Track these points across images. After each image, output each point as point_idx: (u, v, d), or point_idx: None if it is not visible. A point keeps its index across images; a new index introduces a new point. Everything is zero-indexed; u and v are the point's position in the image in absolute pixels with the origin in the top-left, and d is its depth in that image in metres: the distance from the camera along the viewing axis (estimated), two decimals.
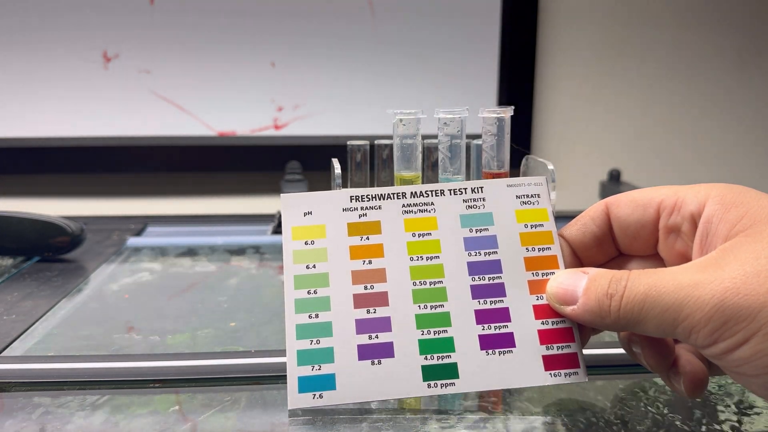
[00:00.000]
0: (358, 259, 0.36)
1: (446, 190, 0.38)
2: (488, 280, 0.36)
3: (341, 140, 0.71)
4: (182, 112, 0.87)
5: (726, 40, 0.93)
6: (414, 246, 0.37)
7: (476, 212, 0.38)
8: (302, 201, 0.37)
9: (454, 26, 0.88)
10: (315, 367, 0.34)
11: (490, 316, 0.35)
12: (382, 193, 0.38)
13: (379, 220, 0.37)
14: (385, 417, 0.36)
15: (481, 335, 0.34)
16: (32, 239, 0.62)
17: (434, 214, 0.37)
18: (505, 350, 0.34)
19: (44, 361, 0.41)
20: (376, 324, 0.35)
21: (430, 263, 0.36)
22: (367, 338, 0.34)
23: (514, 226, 0.37)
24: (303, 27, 0.86)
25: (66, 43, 0.83)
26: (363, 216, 0.37)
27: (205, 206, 0.90)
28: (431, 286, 0.36)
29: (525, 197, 0.38)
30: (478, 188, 0.38)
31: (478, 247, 0.36)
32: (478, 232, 0.37)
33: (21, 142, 0.84)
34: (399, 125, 0.44)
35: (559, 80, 0.92)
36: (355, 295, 0.35)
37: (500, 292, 0.35)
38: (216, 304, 0.53)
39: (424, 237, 0.37)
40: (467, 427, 0.35)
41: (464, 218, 0.37)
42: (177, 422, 0.35)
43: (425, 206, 0.38)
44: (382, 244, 0.37)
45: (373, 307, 0.35)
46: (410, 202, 0.38)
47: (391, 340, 0.34)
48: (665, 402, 0.37)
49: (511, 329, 0.34)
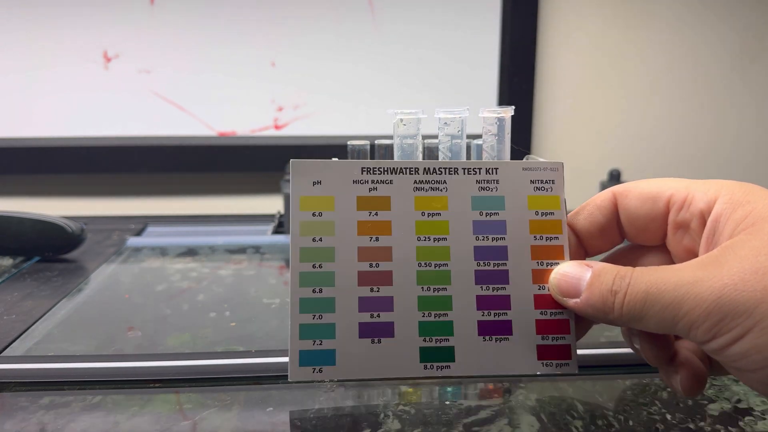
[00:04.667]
0: (366, 235, 0.36)
1: (460, 168, 0.37)
2: (493, 266, 0.35)
3: (341, 140, 0.70)
4: (182, 112, 0.87)
5: (726, 39, 0.93)
6: (422, 226, 0.36)
7: (488, 194, 0.37)
8: (313, 169, 0.36)
9: (454, 26, 0.88)
10: (316, 342, 0.34)
11: (491, 302, 0.35)
12: (394, 167, 0.37)
13: (389, 196, 0.36)
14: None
15: (480, 321, 0.34)
16: (32, 239, 0.62)
17: (446, 194, 0.37)
18: (502, 338, 0.34)
19: (44, 361, 0.41)
20: (378, 303, 0.35)
21: (437, 245, 0.36)
22: (368, 317, 0.34)
23: (525, 213, 0.36)
24: (303, 27, 0.86)
25: (66, 43, 0.83)
26: (373, 190, 0.36)
27: (205, 206, 0.90)
28: (436, 268, 0.35)
29: (539, 183, 0.37)
30: (493, 169, 0.37)
31: (486, 232, 0.36)
32: (488, 216, 0.36)
33: (21, 142, 0.84)
34: (399, 125, 0.44)
35: (559, 80, 0.92)
36: (360, 273, 0.35)
37: (503, 279, 0.35)
38: (216, 304, 0.53)
39: (433, 217, 0.36)
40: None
41: (476, 200, 0.37)
42: (177, 422, 0.35)
43: (437, 184, 0.37)
44: (391, 221, 0.36)
45: (377, 286, 0.35)
46: (423, 178, 0.37)
47: (392, 321, 0.34)
48: (663, 403, 0.38)
49: (510, 317, 0.34)
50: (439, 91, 0.89)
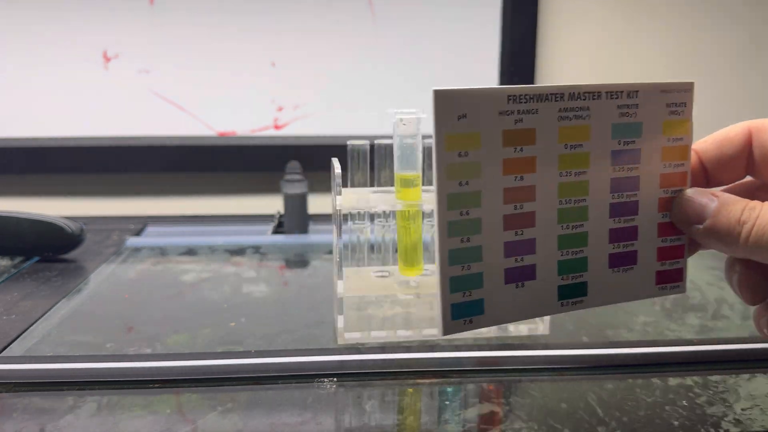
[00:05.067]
0: (511, 175, 0.34)
1: (603, 92, 0.35)
2: (626, 198, 0.35)
3: (341, 140, 0.70)
4: (182, 112, 0.86)
5: (726, 39, 0.93)
6: (565, 159, 0.34)
7: (628, 121, 0.35)
8: (458, 100, 0.33)
9: (454, 26, 0.88)
10: (466, 293, 0.33)
11: (622, 234, 0.35)
12: (540, 93, 0.34)
13: (534, 128, 0.34)
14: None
15: (611, 254, 0.35)
16: (32, 239, 0.62)
17: (588, 122, 0.35)
18: (628, 267, 0.35)
19: (44, 362, 0.41)
20: (522, 246, 0.34)
21: (577, 179, 0.35)
22: (513, 261, 0.34)
23: (659, 139, 0.35)
24: (303, 27, 0.86)
25: (66, 43, 0.83)
26: (519, 122, 0.34)
27: (204, 206, 0.90)
28: (575, 204, 0.35)
29: (674, 105, 0.36)
30: (634, 92, 0.35)
31: (623, 162, 0.35)
32: (626, 145, 0.35)
33: (21, 142, 0.84)
34: (399, 125, 0.44)
35: (559, 80, 0.92)
36: (506, 216, 0.34)
37: (634, 210, 0.35)
38: (216, 305, 0.53)
39: (575, 149, 0.35)
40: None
41: (615, 128, 0.35)
42: (177, 423, 0.35)
43: (581, 111, 0.35)
44: (536, 156, 0.34)
45: (521, 229, 0.34)
46: (567, 105, 0.35)
47: (534, 263, 0.34)
48: (670, 402, 0.37)
49: (636, 247, 0.35)
50: None
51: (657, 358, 0.42)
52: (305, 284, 0.59)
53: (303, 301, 0.54)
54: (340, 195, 0.43)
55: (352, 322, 0.47)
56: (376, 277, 0.48)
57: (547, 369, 0.41)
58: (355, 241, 0.50)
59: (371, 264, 0.50)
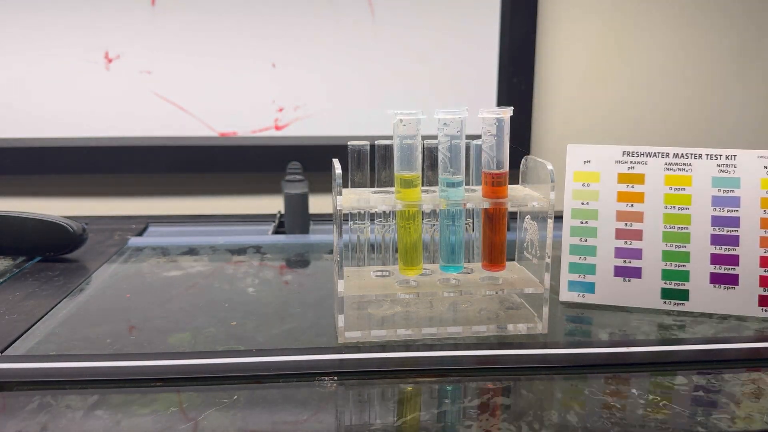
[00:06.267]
0: (623, 202, 0.47)
1: (704, 154, 0.48)
2: (726, 231, 0.45)
3: (341, 140, 0.71)
4: (184, 113, 0.87)
5: (725, 38, 0.93)
6: (669, 197, 0.47)
7: (727, 176, 0.47)
8: (584, 151, 0.49)
9: (453, 26, 0.88)
10: (580, 276, 0.46)
11: (723, 259, 0.45)
12: (649, 151, 0.48)
13: (643, 173, 0.48)
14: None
15: (712, 272, 0.45)
16: (34, 239, 0.63)
17: (690, 173, 0.47)
18: (730, 286, 0.44)
19: (46, 361, 0.41)
20: (630, 252, 0.46)
21: (680, 212, 0.46)
22: (622, 261, 0.46)
23: (757, 192, 0.46)
24: (303, 27, 0.86)
25: (68, 43, 0.83)
26: (631, 168, 0.48)
27: (206, 206, 0.91)
28: (678, 230, 0.46)
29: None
30: (732, 156, 0.48)
31: (723, 205, 0.46)
32: (725, 192, 0.46)
33: (23, 142, 0.84)
34: (399, 125, 0.44)
35: (559, 80, 0.92)
36: (617, 229, 0.46)
37: (735, 242, 0.45)
38: (217, 304, 0.53)
39: (679, 191, 0.47)
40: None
41: (715, 180, 0.47)
42: (178, 421, 0.36)
43: (684, 165, 0.47)
44: (644, 192, 0.47)
45: (630, 240, 0.46)
46: (672, 161, 0.48)
47: (640, 266, 0.45)
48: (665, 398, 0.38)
49: (738, 272, 0.45)
50: (438, 92, 0.89)
51: (656, 358, 0.42)
52: (305, 284, 0.59)
53: (303, 301, 0.54)
54: (340, 195, 0.43)
55: (352, 321, 0.48)
56: (376, 277, 0.48)
57: (545, 368, 0.42)
58: (355, 241, 0.50)
59: (371, 264, 0.51)
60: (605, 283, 0.45)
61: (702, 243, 0.45)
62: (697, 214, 0.46)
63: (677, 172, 0.47)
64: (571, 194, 0.48)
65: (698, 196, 0.46)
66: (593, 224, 0.47)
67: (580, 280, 0.45)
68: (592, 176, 0.48)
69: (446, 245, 0.47)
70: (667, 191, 0.47)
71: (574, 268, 0.46)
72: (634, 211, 0.47)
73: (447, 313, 0.50)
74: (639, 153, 0.49)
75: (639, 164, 0.48)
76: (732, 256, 0.45)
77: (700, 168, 0.47)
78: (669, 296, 0.44)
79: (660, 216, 0.47)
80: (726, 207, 0.46)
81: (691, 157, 0.48)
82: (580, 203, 0.48)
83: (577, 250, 0.46)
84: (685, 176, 0.47)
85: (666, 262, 0.45)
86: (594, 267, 0.46)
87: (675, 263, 0.45)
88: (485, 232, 0.47)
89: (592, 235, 0.47)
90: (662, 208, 0.47)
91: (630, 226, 0.47)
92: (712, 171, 0.47)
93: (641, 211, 0.47)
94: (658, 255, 0.46)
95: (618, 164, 0.48)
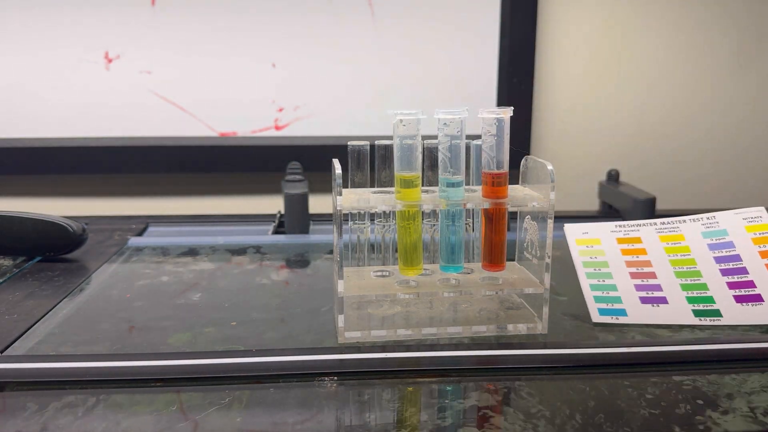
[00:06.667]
0: (628, 255, 0.50)
1: (687, 219, 0.53)
2: (732, 265, 0.48)
3: (341, 140, 0.71)
4: (183, 113, 0.87)
5: (724, 39, 0.93)
6: (669, 249, 0.51)
7: (713, 229, 0.52)
8: (581, 227, 0.54)
9: (453, 27, 0.88)
10: (608, 304, 0.47)
11: (739, 285, 0.48)
12: (638, 223, 0.53)
13: (639, 236, 0.52)
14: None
15: (735, 295, 0.47)
16: (34, 239, 0.63)
17: (681, 232, 0.52)
18: (756, 303, 0.47)
19: (46, 361, 0.41)
20: (650, 287, 0.48)
21: (684, 257, 0.50)
22: (645, 293, 0.47)
23: (746, 235, 0.50)
24: (303, 27, 0.86)
25: (68, 43, 0.83)
26: (627, 234, 0.53)
27: (206, 206, 0.91)
28: (688, 269, 0.49)
29: (750, 218, 0.51)
30: (712, 216, 0.53)
31: (720, 248, 0.50)
32: (717, 240, 0.51)
33: (23, 142, 0.84)
34: (399, 125, 0.44)
35: (558, 81, 0.92)
36: (630, 273, 0.49)
37: (744, 271, 0.48)
38: (217, 304, 0.53)
39: (676, 244, 0.51)
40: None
41: (705, 233, 0.52)
42: (178, 421, 0.36)
43: (673, 228, 0.52)
44: (645, 248, 0.51)
45: (646, 279, 0.49)
46: (660, 227, 0.53)
47: (664, 295, 0.47)
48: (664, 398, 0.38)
49: (758, 291, 0.47)
50: (438, 92, 0.89)
51: (656, 357, 0.42)
52: (305, 284, 0.59)
53: (304, 301, 0.54)
54: (340, 195, 0.43)
55: (352, 321, 0.48)
56: (376, 277, 0.48)
57: (545, 368, 0.42)
58: (355, 241, 0.50)
59: (371, 264, 0.51)
60: (635, 308, 0.46)
61: (714, 276, 0.48)
62: (699, 257, 0.50)
63: (669, 233, 0.52)
64: (577, 252, 0.51)
65: (695, 246, 0.51)
66: (606, 270, 0.50)
67: (609, 308, 0.46)
68: (594, 241, 0.52)
69: (446, 245, 0.47)
70: (666, 246, 0.51)
71: (600, 299, 0.47)
72: (641, 260, 0.50)
73: (447, 313, 0.50)
74: (630, 225, 0.54)
75: (632, 230, 0.53)
76: (747, 281, 0.48)
77: (688, 228, 0.52)
78: (702, 315, 0.46)
79: (666, 261, 0.50)
80: (723, 249, 0.50)
81: (676, 223, 0.53)
82: (589, 257, 0.51)
83: (598, 287, 0.48)
84: (677, 235, 0.52)
85: (687, 291, 0.48)
86: (619, 298, 0.47)
87: (696, 291, 0.48)
88: (485, 233, 0.47)
89: (609, 277, 0.49)
90: (666, 256, 0.50)
91: (642, 269, 0.49)
92: (699, 228, 0.52)
93: (648, 259, 0.50)
94: (677, 288, 0.48)
95: (614, 232, 0.53)
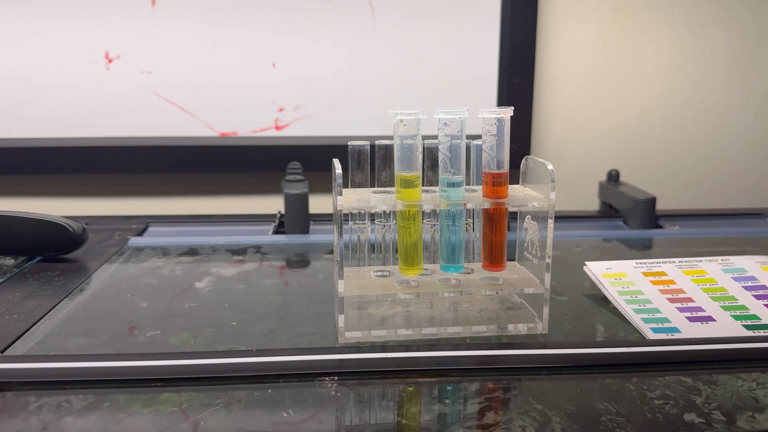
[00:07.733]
0: (659, 285, 0.52)
1: (704, 260, 0.56)
2: (762, 292, 0.51)
3: (341, 140, 0.71)
4: (184, 113, 0.87)
5: (724, 39, 0.93)
6: (696, 281, 0.53)
7: (732, 267, 0.55)
8: (602, 264, 0.55)
9: (454, 27, 0.88)
10: (659, 324, 0.47)
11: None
12: (660, 261, 0.56)
13: (663, 270, 0.55)
14: None
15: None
16: (34, 239, 0.63)
17: (701, 268, 0.55)
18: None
19: (46, 361, 0.41)
20: (692, 309, 0.49)
21: (713, 286, 0.52)
22: (690, 314, 0.48)
23: (763, 273, 0.54)
24: (303, 28, 0.86)
25: (68, 43, 0.83)
26: (650, 268, 0.55)
27: (206, 206, 0.91)
28: (722, 295, 0.51)
29: (763, 262, 0.55)
30: (726, 258, 0.56)
31: (744, 280, 0.53)
32: (739, 274, 0.54)
33: (23, 142, 0.84)
34: (399, 125, 0.44)
35: (559, 81, 0.92)
36: (668, 299, 0.50)
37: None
38: (217, 304, 0.53)
39: (701, 277, 0.54)
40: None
41: (725, 269, 0.55)
42: (178, 421, 0.36)
43: (692, 265, 0.55)
44: (673, 279, 0.53)
45: (685, 303, 0.50)
46: (680, 264, 0.56)
47: (709, 314, 0.48)
48: (665, 398, 0.38)
49: None
50: (438, 92, 0.89)
51: (657, 357, 0.42)
52: (305, 284, 0.59)
53: (304, 301, 0.54)
54: (340, 195, 0.43)
55: (352, 321, 0.48)
56: (376, 277, 0.48)
57: (545, 368, 0.42)
58: (355, 241, 0.50)
59: (371, 264, 0.51)
60: (686, 326, 0.46)
61: (749, 300, 0.50)
62: (728, 287, 0.52)
63: (690, 269, 0.55)
64: (608, 283, 0.52)
65: (720, 278, 0.53)
66: (643, 297, 0.51)
67: (661, 327, 0.46)
68: (621, 275, 0.54)
69: (446, 245, 0.47)
70: (692, 278, 0.53)
71: (649, 321, 0.47)
72: (673, 289, 0.52)
73: (447, 313, 0.50)
74: (650, 262, 0.56)
75: (655, 266, 0.55)
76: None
77: (707, 266, 0.55)
78: (753, 328, 0.46)
79: (698, 290, 0.52)
80: (749, 281, 0.53)
81: (694, 261, 0.56)
82: (622, 287, 0.52)
83: (641, 311, 0.49)
84: (699, 270, 0.55)
85: (730, 311, 0.48)
86: (667, 318, 0.48)
87: (739, 311, 0.48)
88: (485, 232, 0.47)
89: (648, 302, 0.50)
90: (696, 286, 0.52)
91: (677, 296, 0.51)
92: (718, 266, 0.55)
93: (680, 287, 0.52)
94: (718, 309, 0.49)
95: (636, 268, 0.55)
